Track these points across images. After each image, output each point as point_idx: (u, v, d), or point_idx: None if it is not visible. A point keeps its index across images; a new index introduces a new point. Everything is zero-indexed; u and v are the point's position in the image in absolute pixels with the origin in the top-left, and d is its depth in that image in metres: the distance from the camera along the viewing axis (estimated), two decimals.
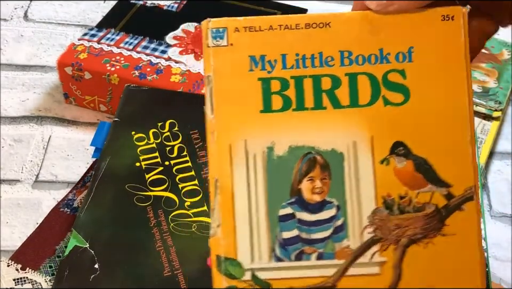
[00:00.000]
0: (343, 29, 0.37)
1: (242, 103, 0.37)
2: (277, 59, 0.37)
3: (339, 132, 0.37)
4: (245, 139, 0.36)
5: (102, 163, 0.52)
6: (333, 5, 0.88)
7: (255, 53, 0.37)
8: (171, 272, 0.46)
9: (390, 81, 0.37)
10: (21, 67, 0.75)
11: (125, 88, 0.59)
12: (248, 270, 0.36)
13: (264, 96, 0.37)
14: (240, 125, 0.37)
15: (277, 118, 0.37)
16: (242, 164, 0.36)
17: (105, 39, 0.70)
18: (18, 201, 0.60)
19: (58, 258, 0.50)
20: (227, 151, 0.36)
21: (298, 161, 0.36)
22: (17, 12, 0.83)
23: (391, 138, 0.37)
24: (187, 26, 0.73)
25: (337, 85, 0.37)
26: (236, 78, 0.37)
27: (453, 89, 0.37)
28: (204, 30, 0.37)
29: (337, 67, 0.37)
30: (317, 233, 0.36)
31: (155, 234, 0.48)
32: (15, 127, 0.67)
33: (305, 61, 0.37)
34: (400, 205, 0.36)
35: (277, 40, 0.37)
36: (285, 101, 0.37)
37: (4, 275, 0.49)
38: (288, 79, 0.37)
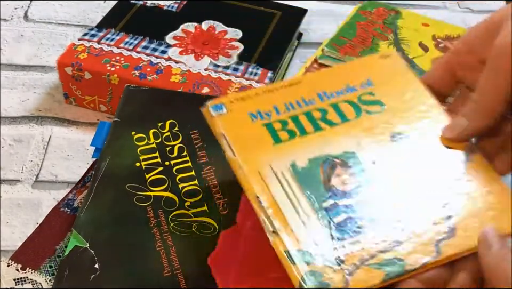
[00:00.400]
0: (312, 82, 0.51)
1: (256, 142, 0.46)
2: (271, 110, 0.48)
3: (343, 139, 0.47)
4: (269, 164, 0.45)
5: (102, 163, 0.52)
6: (333, 5, 0.88)
7: (251, 110, 0.48)
8: (171, 272, 0.46)
9: (364, 100, 0.50)
10: (21, 67, 0.75)
11: (125, 88, 0.59)
12: (318, 255, 0.41)
13: (272, 134, 0.47)
14: (261, 156, 0.45)
15: (289, 144, 0.46)
16: (275, 180, 0.44)
17: (105, 39, 0.70)
18: (19, 201, 0.60)
19: (58, 258, 0.50)
20: (258, 175, 0.44)
21: (320, 167, 0.45)
22: (17, 12, 0.83)
23: (386, 132, 0.48)
24: (187, 26, 0.73)
25: (325, 113, 0.48)
26: (244, 128, 0.47)
27: (411, 90, 0.51)
28: (206, 109, 0.47)
29: (320, 103, 0.49)
30: (363, 209, 0.43)
31: (155, 234, 0.48)
32: (15, 127, 0.67)
33: (293, 105, 0.49)
34: None
35: (265, 100, 0.49)
36: (289, 132, 0.47)
37: (4, 275, 0.49)
38: (286, 119, 0.48)
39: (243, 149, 0.45)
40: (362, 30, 0.75)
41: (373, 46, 0.72)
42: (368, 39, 0.74)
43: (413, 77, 0.52)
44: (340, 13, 0.85)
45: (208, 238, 0.48)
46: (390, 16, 0.78)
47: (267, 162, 0.45)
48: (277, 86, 0.50)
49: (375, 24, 0.76)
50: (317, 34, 0.82)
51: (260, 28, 0.74)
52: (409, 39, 0.74)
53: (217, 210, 0.50)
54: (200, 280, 0.46)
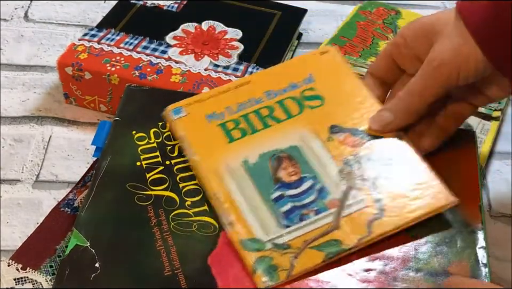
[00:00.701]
0: (260, 81, 0.56)
1: (213, 142, 0.52)
2: (224, 111, 0.54)
3: (288, 134, 0.52)
4: (225, 161, 0.51)
5: (102, 162, 0.52)
6: (333, 5, 0.88)
7: (208, 112, 0.54)
8: (171, 272, 0.46)
9: (306, 95, 0.55)
10: (21, 67, 0.75)
11: (125, 88, 0.59)
12: (267, 242, 0.46)
13: (226, 133, 0.52)
14: (217, 155, 0.51)
15: (242, 142, 0.52)
16: (230, 177, 0.50)
17: (105, 39, 0.70)
18: (19, 201, 0.60)
19: (58, 257, 0.50)
20: (215, 173, 0.50)
21: (269, 161, 0.51)
22: (18, 12, 0.83)
23: (326, 125, 0.53)
24: (187, 26, 0.73)
25: (272, 110, 0.54)
26: (201, 129, 0.53)
27: (348, 83, 0.56)
28: (166, 113, 0.54)
29: (267, 101, 0.54)
30: (306, 199, 0.49)
31: (156, 233, 0.48)
32: (15, 127, 0.67)
33: (244, 105, 0.54)
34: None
35: (219, 101, 0.54)
36: (241, 131, 0.53)
37: (5, 275, 0.49)
38: (238, 118, 0.53)
39: (201, 149, 0.51)
40: (362, 30, 0.75)
41: (373, 46, 0.72)
42: (368, 39, 0.74)
43: (349, 71, 0.57)
44: (340, 13, 0.86)
45: (209, 238, 0.48)
46: (390, 16, 0.78)
47: (223, 160, 0.51)
48: (229, 86, 0.56)
49: (375, 24, 0.76)
50: (317, 34, 0.82)
51: (260, 28, 0.74)
52: None
53: None
54: (200, 280, 0.46)
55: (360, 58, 0.70)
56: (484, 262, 0.47)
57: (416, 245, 0.48)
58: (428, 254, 0.47)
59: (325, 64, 0.57)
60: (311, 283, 0.46)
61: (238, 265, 0.46)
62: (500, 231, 0.59)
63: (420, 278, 0.46)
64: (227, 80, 0.66)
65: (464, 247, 0.48)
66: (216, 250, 0.47)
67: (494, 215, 0.61)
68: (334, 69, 0.57)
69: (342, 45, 0.72)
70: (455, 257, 0.47)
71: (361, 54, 0.70)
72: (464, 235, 0.49)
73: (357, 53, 0.71)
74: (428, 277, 0.46)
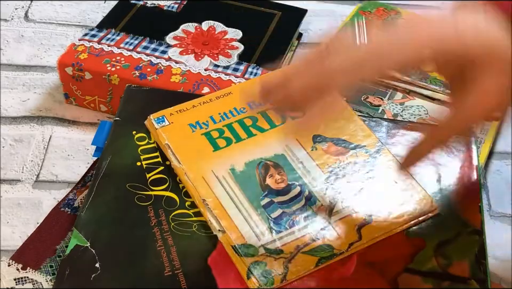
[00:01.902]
0: (242, 92, 0.57)
1: (198, 150, 0.52)
2: (208, 120, 0.54)
3: (273, 143, 0.53)
4: (211, 169, 0.51)
5: (103, 162, 0.52)
6: (333, 5, 0.88)
7: (191, 121, 0.54)
8: (172, 272, 0.46)
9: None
10: (22, 67, 0.75)
11: (126, 88, 0.59)
12: (260, 247, 0.47)
13: (211, 142, 0.53)
14: (203, 163, 0.51)
15: (227, 151, 0.52)
16: (218, 183, 0.50)
17: (105, 39, 0.70)
18: (19, 201, 0.60)
19: (59, 257, 0.50)
20: (202, 180, 0.50)
21: (256, 169, 0.52)
22: (18, 12, 0.83)
23: (309, 135, 0.54)
24: (187, 27, 0.73)
25: (256, 120, 0.55)
26: (186, 138, 0.53)
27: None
28: (149, 122, 0.54)
29: (250, 111, 0.55)
30: (294, 205, 0.50)
31: (156, 233, 0.48)
32: (15, 127, 0.67)
33: (227, 114, 0.55)
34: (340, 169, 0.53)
35: (202, 111, 0.55)
36: (226, 140, 0.53)
37: (5, 275, 0.49)
38: (222, 127, 0.54)
39: (187, 157, 0.52)
40: None
41: None
42: None
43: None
44: (340, 13, 0.86)
45: (209, 238, 0.48)
46: (390, 16, 0.78)
47: (209, 168, 0.51)
48: (211, 97, 0.57)
49: None
50: (317, 34, 0.82)
51: (260, 28, 0.74)
52: None
53: None
54: (200, 280, 0.46)
55: None
56: (483, 262, 0.47)
57: (416, 245, 0.48)
58: (427, 254, 0.47)
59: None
60: (311, 283, 0.46)
61: None
62: (499, 231, 0.59)
63: (419, 278, 0.46)
64: (227, 80, 0.66)
65: (464, 247, 0.48)
66: (216, 250, 0.47)
67: (494, 215, 0.61)
68: None
69: None
70: (455, 257, 0.47)
71: None
72: (464, 235, 0.49)
73: None
74: (428, 278, 0.46)
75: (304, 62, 0.44)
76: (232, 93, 0.57)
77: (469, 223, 0.50)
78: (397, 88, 0.68)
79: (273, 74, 0.48)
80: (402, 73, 0.47)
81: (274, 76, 0.45)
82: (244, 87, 0.60)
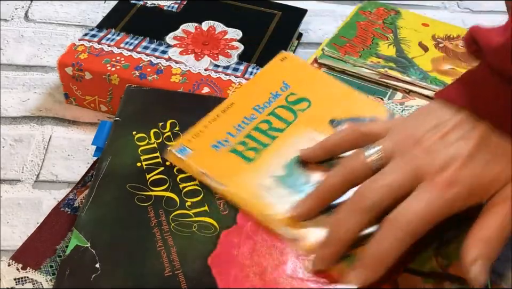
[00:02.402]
0: (242, 100, 0.58)
1: (232, 167, 0.52)
2: (227, 136, 0.54)
3: (297, 139, 0.54)
4: (255, 182, 0.51)
5: (103, 163, 0.52)
6: (333, 5, 0.88)
7: (211, 142, 0.54)
8: (172, 272, 0.46)
9: (291, 101, 0.58)
10: (22, 67, 0.75)
11: (126, 88, 0.59)
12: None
13: (241, 156, 0.53)
14: (244, 178, 0.51)
15: (260, 160, 0.53)
16: (269, 194, 0.50)
17: (105, 39, 0.70)
18: (19, 201, 0.60)
19: (59, 257, 0.50)
20: (253, 195, 0.50)
21: (296, 169, 0.52)
22: (18, 12, 0.83)
23: (324, 122, 0.56)
24: (187, 27, 0.73)
25: (270, 122, 0.56)
26: (216, 160, 0.53)
27: (320, 80, 0.62)
28: (171, 155, 0.53)
29: (260, 115, 0.56)
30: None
31: (156, 234, 0.48)
32: (15, 127, 0.67)
33: (241, 125, 0.55)
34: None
35: (216, 129, 0.55)
36: (254, 150, 0.54)
37: (5, 275, 0.49)
38: (243, 139, 0.54)
39: (226, 178, 0.51)
40: (362, 30, 0.75)
41: (373, 46, 0.72)
42: (368, 39, 0.74)
43: (314, 69, 0.65)
44: (340, 13, 0.86)
45: (209, 238, 0.48)
46: (390, 16, 0.78)
47: (252, 181, 0.51)
48: (217, 113, 0.56)
49: (375, 24, 0.76)
50: (317, 34, 0.82)
51: (260, 28, 0.74)
52: (409, 39, 0.74)
53: (218, 210, 0.50)
54: (201, 280, 0.46)
55: (360, 58, 0.70)
56: None
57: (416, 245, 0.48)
58: (427, 255, 0.48)
59: (290, 68, 0.61)
60: (312, 284, 0.46)
61: (238, 266, 0.47)
62: None
63: (419, 278, 0.46)
64: (227, 80, 0.66)
65: None
66: (216, 250, 0.47)
67: None
68: (301, 71, 0.62)
69: (342, 45, 0.72)
70: (455, 257, 0.48)
71: (361, 54, 0.70)
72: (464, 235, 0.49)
73: (357, 53, 0.71)
74: (428, 278, 0.46)
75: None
76: (234, 104, 0.57)
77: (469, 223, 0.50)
78: (397, 88, 0.68)
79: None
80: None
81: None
82: (242, 95, 0.59)
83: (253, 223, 0.49)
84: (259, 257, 0.47)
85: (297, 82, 0.60)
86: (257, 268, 0.47)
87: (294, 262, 0.47)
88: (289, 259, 0.47)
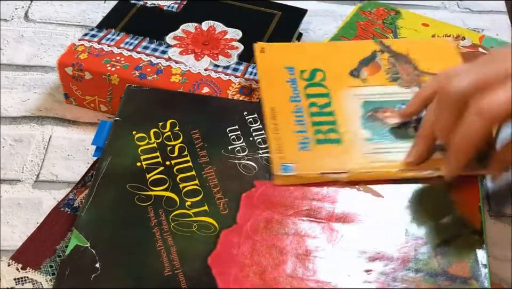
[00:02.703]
0: (276, 100, 0.59)
1: (332, 154, 0.54)
2: (301, 135, 0.56)
3: (346, 101, 0.58)
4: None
5: (103, 163, 0.52)
6: (333, 5, 0.88)
7: (296, 147, 0.55)
8: (171, 272, 0.46)
9: (307, 77, 0.61)
10: (22, 67, 0.75)
11: (126, 88, 0.59)
12: None
13: (328, 142, 0.55)
14: (349, 156, 0.54)
15: (344, 136, 0.56)
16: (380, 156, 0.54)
17: (105, 39, 0.70)
18: (19, 200, 0.60)
19: (58, 257, 0.50)
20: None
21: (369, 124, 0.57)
22: (18, 12, 0.83)
23: (346, 74, 0.61)
24: (187, 27, 0.73)
25: (315, 104, 0.58)
26: (315, 156, 0.54)
27: (310, 48, 0.66)
28: (279, 179, 0.52)
29: (301, 104, 0.58)
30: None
31: (156, 233, 0.48)
32: (15, 127, 0.67)
33: (299, 119, 0.57)
34: None
35: (286, 136, 0.56)
36: (332, 131, 0.56)
37: (5, 275, 0.49)
38: (314, 128, 0.56)
39: (341, 165, 0.53)
40: (362, 30, 0.75)
41: None
42: (368, 39, 0.74)
43: (295, 45, 0.70)
44: (340, 13, 0.86)
45: (209, 238, 0.48)
46: (390, 16, 0.78)
47: (358, 154, 0.54)
48: (271, 123, 0.57)
49: (375, 24, 0.76)
50: (317, 34, 0.82)
51: (260, 28, 0.74)
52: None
53: (218, 210, 0.50)
54: (200, 280, 0.46)
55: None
56: (483, 262, 0.47)
57: (416, 246, 0.48)
58: (427, 255, 0.48)
59: (278, 54, 0.64)
60: (311, 283, 0.46)
61: (238, 265, 0.47)
62: (499, 231, 0.59)
63: (419, 278, 0.46)
64: (227, 80, 0.66)
65: (464, 247, 0.48)
66: (216, 250, 0.47)
67: (494, 215, 0.61)
68: (287, 51, 0.65)
69: None
70: (455, 258, 0.48)
71: None
72: (464, 236, 0.49)
73: None
74: (428, 278, 0.46)
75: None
76: (273, 107, 0.58)
77: (469, 223, 0.50)
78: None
79: None
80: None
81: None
82: (269, 95, 0.60)
83: (253, 223, 0.49)
84: (259, 256, 0.47)
85: (295, 61, 0.62)
86: (257, 267, 0.47)
87: (294, 261, 0.47)
88: (289, 259, 0.47)
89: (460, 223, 0.50)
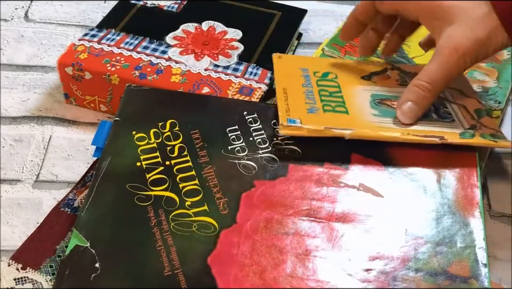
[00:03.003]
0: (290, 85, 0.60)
1: (340, 118, 0.56)
2: (312, 103, 0.58)
3: (356, 89, 0.61)
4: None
5: (103, 163, 0.52)
6: (333, 5, 0.88)
7: (306, 110, 0.57)
8: (171, 272, 0.46)
9: (320, 76, 0.63)
10: (22, 67, 0.75)
11: (126, 88, 0.59)
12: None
13: (336, 112, 0.57)
14: (356, 120, 0.57)
15: (351, 109, 0.58)
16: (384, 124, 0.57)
17: (105, 39, 0.70)
18: (19, 201, 0.60)
19: (59, 257, 0.50)
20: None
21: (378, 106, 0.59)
22: (18, 12, 0.83)
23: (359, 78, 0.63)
24: (187, 27, 0.73)
25: (325, 89, 0.60)
26: (321, 118, 0.56)
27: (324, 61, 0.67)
28: (285, 129, 0.54)
29: (313, 89, 0.60)
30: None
31: (155, 233, 0.48)
32: (15, 127, 0.67)
33: (310, 96, 0.59)
34: None
35: (296, 102, 0.57)
36: (341, 106, 0.58)
37: (5, 275, 0.49)
38: (324, 103, 0.58)
39: (346, 124, 0.55)
40: None
41: None
42: None
43: (310, 58, 0.70)
44: (340, 13, 0.86)
45: (209, 238, 0.48)
46: None
47: (365, 120, 0.56)
48: (282, 93, 0.59)
49: None
50: (317, 34, 0.82)
51: (260, 28, 0.74)
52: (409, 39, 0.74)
53: (218, 210, 0.50)
54: (200, 280, 0.46)
55: (360, 58, 0.70)
56: (483, 262, 0.47)
57: (416, 245, 0.48)
58: (427, 254, 0.48)
59: (293, 62, 0.65)
60: (311, 283, 0.46)
61: (237, 265, 0.47)
62: (499, 231, 0.59)
63: (419, 278, 0.46)
64: (227, 80, 0.66)
65: (464, 247, 0.48)
66: (216, 250, 0.47)
67: (494, 215, 0.61)
68: (302, 60, 0.66)
69: (342, 44, 0.72)
70: (455, 257, 0.48)
71: None
72: (464, 235, 0.49)
73: (357, 53, 0.70)
74: (428, 277, 0.46)
75: None
76: (285, 87, 0.59)
77: (469, 223, 0.50)
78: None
79: None
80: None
81: None
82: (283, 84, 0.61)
83: (252, 222, 0.49)
84: (259, 256, 0.47)
85: (309, 65, 0.64)
86: (257, 267, 0.47)
87: (294, 261, 0.47)
88: (288, 258, 0.47)
89: (460, 223, 0.50)
